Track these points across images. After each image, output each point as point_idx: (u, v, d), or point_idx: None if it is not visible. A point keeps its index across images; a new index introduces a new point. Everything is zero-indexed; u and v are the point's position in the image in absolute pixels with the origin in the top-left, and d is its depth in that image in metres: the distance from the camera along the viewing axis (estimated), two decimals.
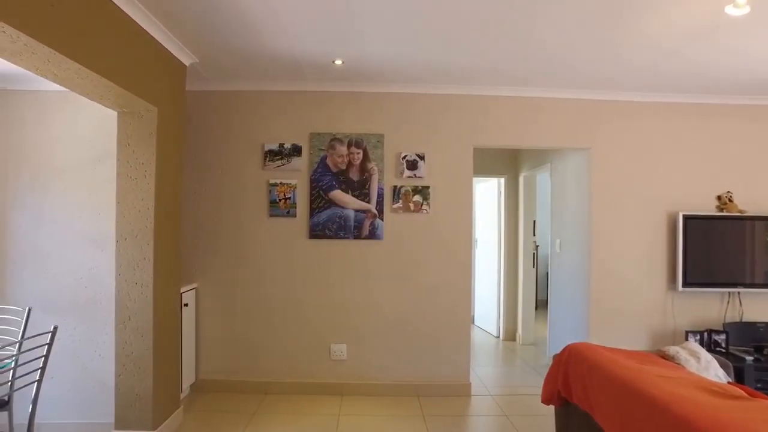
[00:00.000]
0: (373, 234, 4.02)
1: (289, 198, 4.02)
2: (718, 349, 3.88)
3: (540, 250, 6.11)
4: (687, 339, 3.93)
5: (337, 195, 4.02)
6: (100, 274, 3.39)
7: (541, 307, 6.58)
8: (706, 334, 3.94)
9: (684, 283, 3.98)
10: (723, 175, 4.16)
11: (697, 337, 3.94)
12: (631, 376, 2.05)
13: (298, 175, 4.03)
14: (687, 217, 4.00)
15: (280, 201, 4.02)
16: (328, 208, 4.01)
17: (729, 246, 4.00)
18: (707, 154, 4.16)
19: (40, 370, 2.46)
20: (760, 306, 4.11)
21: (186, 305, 3.72)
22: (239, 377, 4.00)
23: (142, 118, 2.97)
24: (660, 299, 4.13)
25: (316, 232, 4.01)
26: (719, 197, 4.14)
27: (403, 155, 4.04)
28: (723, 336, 3.92)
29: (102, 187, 3.40)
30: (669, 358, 2.57)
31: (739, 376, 3.54)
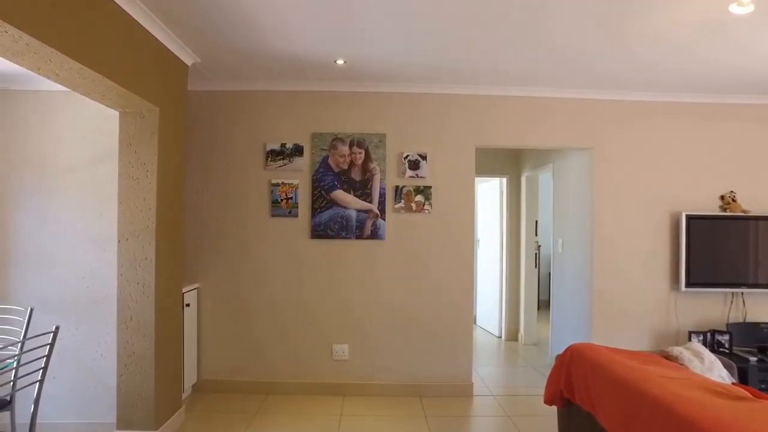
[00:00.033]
0: (375, 234, 4.01)
1: (291, 198, 4.02)
2: (721, 349, 3.86)
3: (542, 250, 6.09)
4: (690, 339, 3.92)
5: (339, 195, 4.01)
6: (102, 274, 3.39)
7: (543, 307, 6.56)
8: (709, 335, 3.93)
9: (687, 283, 3.97)
10: (726, 174, 4.14)
11: (701, 337, 3.92)
12: (634, 376, 2.04)
13: (300, 175, 4.02)
14: (690, 217, 3.98)
15: (282, 201, 4.01)
16: (330, 208, 4.01)
17: (732, 246, 3.99)
18: (710, 153, 4.15)
19: (41, 370, 2.47)
20: (763, 306, 4.09)
21: (188, 305, 3.72)
22: (241, 377, 4.00)
23: (144, 118, 2.97)
24: (663, 299, 4.11)
25: (318, 232, 4.01)
26: (722, 197, 4.12)
27: (405, 155, 4.03)
28: (726, 336, 3.90)
29: (104, 187, 3.41)
30: (672, 359, 2.56)
31: (743, 377, 3.53)
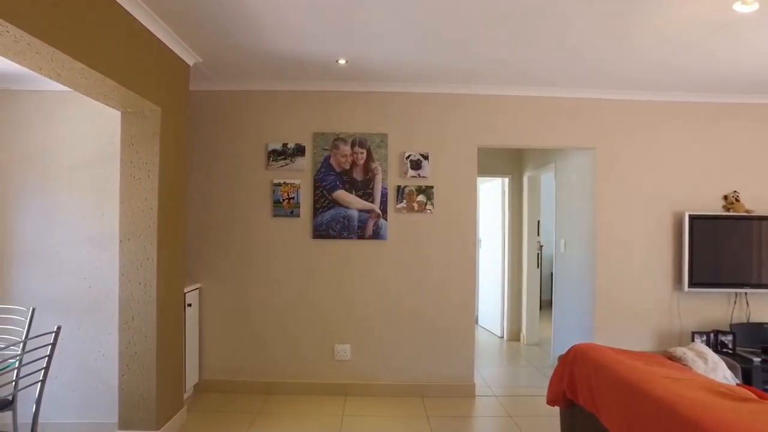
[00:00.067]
0: (376, 234, 4.00)
1: (293, 198, 4.01)
2: (724, 350, 3.85)
3: (544, 250, 6.08)
4: (693, 340, 3.90)
5: (341, 195, 4.01)
6: (104, 274, 3.39)
7: (545, 307, 6.54)
8: (712, 335, 3.91)
9: (690, 284, 3.95)
10: (729, 174, 4.12)
11: (704, 337, 3.90)
12: (637, 377, 2.02)
13: (302, 175, 4.02)
14: (693, 217, 3.96)
15: (283, 201, 4.01)
16: (332, 208, 4.00)
17: (736, 246, 3.97)
18: (713, 153, 4.13)
19: (43, 370, 2.46)
20: (767, 306, 4.07)
21: (190, 305, 3.72)
22: (243, 377, 3.99)
23: (146, 118, 2.97)
24: (666, 299, 4.10)
25: (319, 232, 4.00)
26: (726, 197, 4.10)
27: (407, 155, 4.02)
28: (730, 337, 3.88)
29: (106, 187, 3.41)
30: (676, 360, 2.54)
31: (747, 378, 3.51)
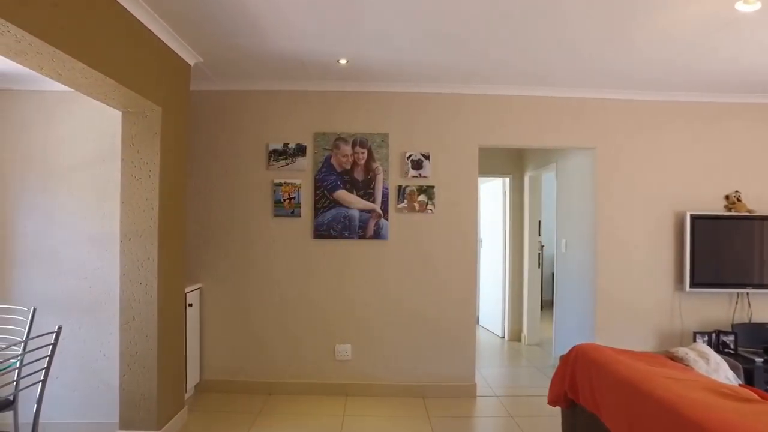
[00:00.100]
0: (378, 234, 4.00)
1: (294, 198, 4.01)
2: (726, 350, 3.84)
3: (545, 250, 6.07)
4: (695, 340, 3.89)
5: (342, 195, 4.00)
6: (105, 274, 3.39)
7: (546, 307, 6.53)
8: (714, 335, 3.90)
9: (692, 284, 3.94)
10: (731, 174, 4.11)
11: (705, 338, 3.90)
12: (639, 377, 2.02)
13: (303, 175, 4.01)
14: (695, 217, 3.95)
15: (284, 201, 4.01)
16: (333, 208, 4.00)
17: (737, 246, 3.96)
18: (715, 153, 4.12)
19: (44, 370, 2.46)
20: None
21: (190, 305, 3.71)
22: (243, 377, 3.99)
23: (147, 118, 2.97)
24: (667, 299, 4.09)
25: (320, 232, 4.00)
26: (727, 197, 4.09)
27: (408, 155, 4.02)
28: (731, 337, 3.87)
29: (106, 187, 3.40)
30: (678, 360, 2.54)
31: (749, 378, 3.50)
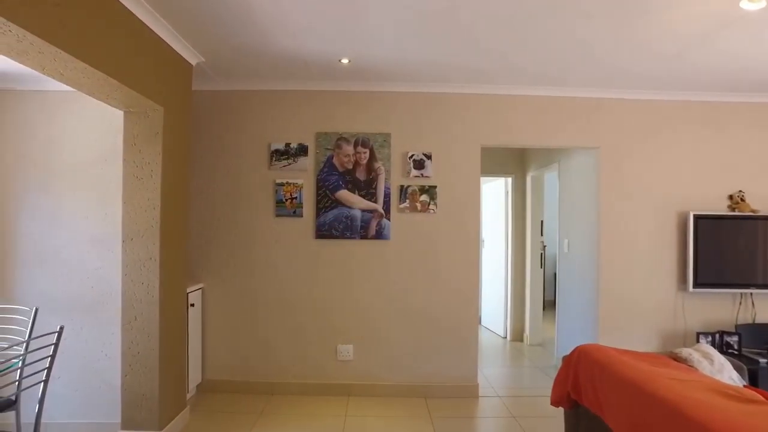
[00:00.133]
0: (380, 234, 3.99)
1: (296, 198, 4.00)
2: (730, 351, 3.82)
3: (548, 250, 6.06)
4: (698, 340, 3.87)
5: (344, 195, 3.99)
6: (107, 274, 3.39)
7: (548, 307, 6.52)
8: (717, 336, 3.88)
9: (695, 284, 3.93)
10: (735, 174, 4.09)
11: (709, 338, 3.88)
12: (643, 378, 2.01)
13: (305, 175, 4.01)
14: (698, 217, 3.94)
15: (286, 201, 4.00)
16: (335, 208, 3.99)
17: (741, 246, 3.94)
18: (718, 152, 4.10)
19: (46, 370, 2.46)
20: None
21: (192, 305, 3.71)
22: (245, 378, 3.99)
23: (149, 118, 2.96)
24: (670, 300, 4.07)
25: (322, 232, 3.99)
26: (731, 196, 4.07)
27: (410, 155, 4.01)
28: (735, 338, 3.85)
29: (108, 187, 3.40)
30: (681, 360, 2.52)
31: (753, 379, 3.48)
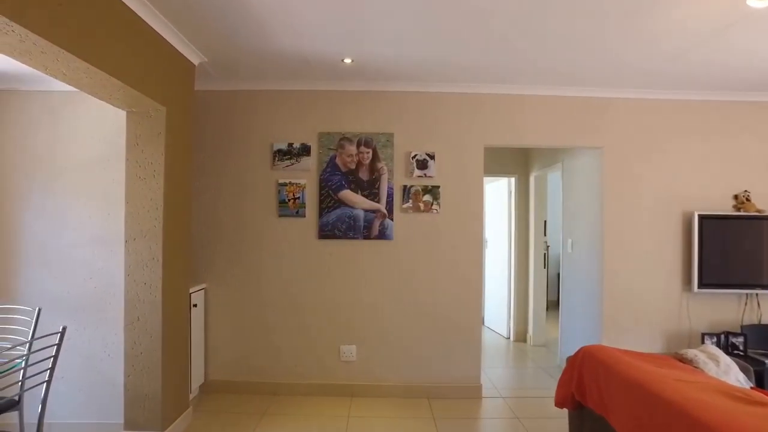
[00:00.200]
0: (382, 234, 3.98)
1: (299, 198, 4.00)
2: (735, 352, 3.79)
3: (551, 250, 6.04)
4: (703, 341, 3.85)
5: (347, 195, 3.99)
6: (110, 274, 3.39)
7: (552, 308, 6.50)
8: (723, 337, 3.86)
9: (700, 284, 3.90)
10: (740, 173, 4.06)
11: (714, 339, 3.85)
12: (648, 379, 1.99)
13: (307, 175, 4.00)
14: (703, 217, 3.91)
15: (289, 201, 4.00)
16: (338, 208, 3.99)
17: (747, 246, 3.91)
18: (724, 152, 4.07)
19: (49, 371, 2.46)
20: None
21: (195, 306, 3.71)
22: (248, 378, 3.98)
23: (151, 118, 2.96)
24: (675, 300, 4.05)
25: (325, 232, 3.99)
26: (736, 196, 4.05)
27: (413, 154, 4.00)
28: (741, 339, 3.83)
29: (111, 186, 3.40)
30: (687, 362, 2.51)
31: (759, 380, 3.45)
